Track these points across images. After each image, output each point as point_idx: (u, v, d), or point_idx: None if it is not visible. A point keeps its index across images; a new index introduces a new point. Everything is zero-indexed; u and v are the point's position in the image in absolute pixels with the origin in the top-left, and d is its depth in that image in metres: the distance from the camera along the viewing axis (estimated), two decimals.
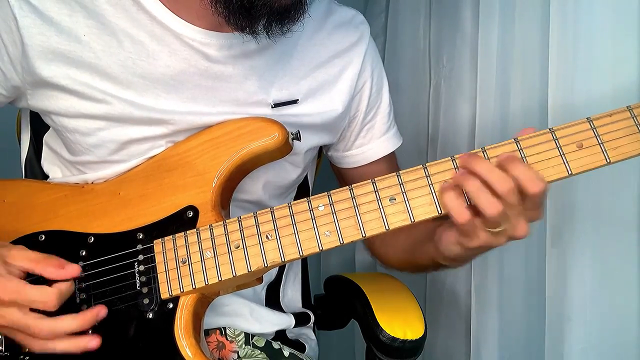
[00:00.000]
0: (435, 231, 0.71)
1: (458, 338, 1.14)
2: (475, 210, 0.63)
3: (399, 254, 0.88)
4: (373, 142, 0.92)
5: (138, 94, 0.74)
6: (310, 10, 0.82)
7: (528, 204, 0.62)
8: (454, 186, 0.64)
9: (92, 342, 0.66)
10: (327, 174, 1.06)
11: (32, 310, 0.65)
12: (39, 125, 0.84)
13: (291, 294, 0.98)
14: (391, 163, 0.94)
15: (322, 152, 1.05)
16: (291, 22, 0.70)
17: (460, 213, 0.63)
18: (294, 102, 0.81)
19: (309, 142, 0.85)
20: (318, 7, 0.85)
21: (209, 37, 0.74)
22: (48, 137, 0.84)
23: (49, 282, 0.67)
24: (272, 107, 0.79)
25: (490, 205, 0.61)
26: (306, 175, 0.97)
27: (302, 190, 0.98)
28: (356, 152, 0.92)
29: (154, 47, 0.74)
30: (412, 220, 0.66)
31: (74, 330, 0.66)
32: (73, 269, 0.68)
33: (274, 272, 0.95)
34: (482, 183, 0.62)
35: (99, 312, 0.68)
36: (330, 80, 0.84)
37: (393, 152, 0.94)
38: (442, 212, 0.66)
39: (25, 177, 0.91)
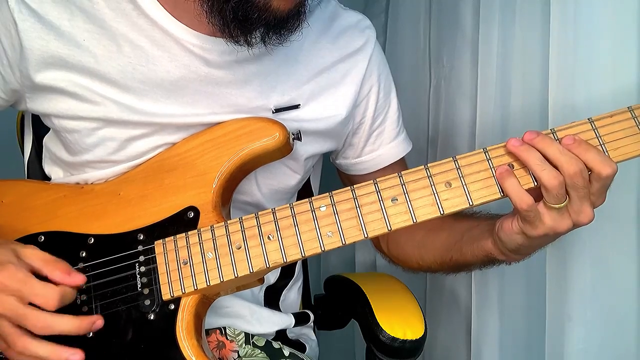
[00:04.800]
0: (492, 225, 0.71)
1: (458, 338, 1.14)
2: (535, 193, 0.64)
3: (438, 254, 0.85)
4: (383, 147, 0.90)
5: (137, 99, 0.74)
6: (316, 14, 0.82)
7: (594, 187, 0.63)
8: (511, 172, 0.64)
9: (74, 355, 0.62)
10: (328, 179, 1.05)
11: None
12: (40, 128, 0.83)
13: (292, 298, 0.97)
14: (402, 169, 0.93)
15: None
16: (289, 33, 0.69)
17: (522, 198, 0.63)
18: (296, 107, 0.80)
19: (309, 149, 0.84)
20: (324, 11, 0.84)
21: (210, 42, 0.74)
22: (47, 139, 0.83)
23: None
24: (273, 112, 0.78)
25: (553, 177, 0.62)
26: (309, 183, 0.96)
27: (304, 197, 0.96)
28: (366, 159, 0.91)
29: (154, 52, 0.73)
30: (415, 220, 0.66)
31: (70, 332, 0.63)
32: (79, 278, 0.66)
33: (273, 275, 0.94)
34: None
35: (96, 321, 0.65)
36: (334, 84, 0.83)
37: (403, 158, 0.92)
38: (444, 212, 0.66)
39: (27, 178, 0.90)
